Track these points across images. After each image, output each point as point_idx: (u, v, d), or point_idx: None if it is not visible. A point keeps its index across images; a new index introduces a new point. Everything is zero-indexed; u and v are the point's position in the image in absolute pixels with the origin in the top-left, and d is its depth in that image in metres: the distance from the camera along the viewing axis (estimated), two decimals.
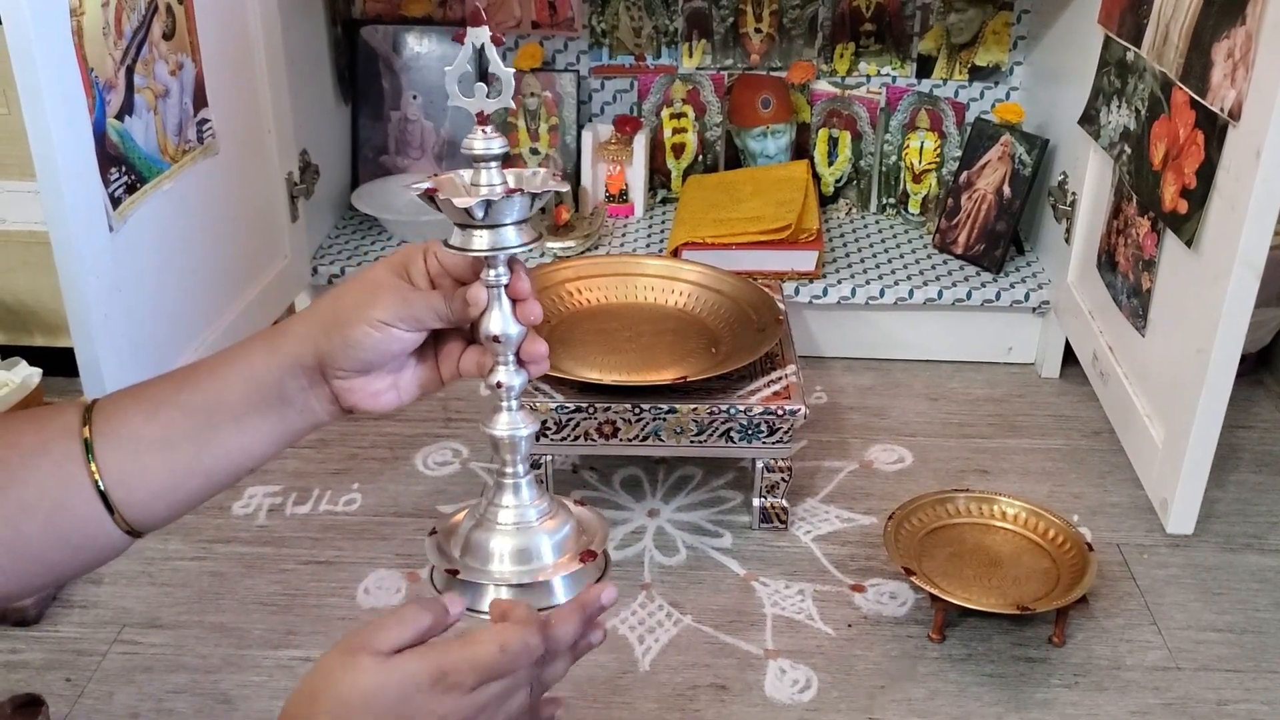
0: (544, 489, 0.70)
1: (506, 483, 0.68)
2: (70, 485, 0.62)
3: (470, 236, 0.63)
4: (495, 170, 0.64)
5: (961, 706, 1.07)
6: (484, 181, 0.64)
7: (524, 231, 0.64)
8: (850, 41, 1.82)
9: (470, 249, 0.63)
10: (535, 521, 0.68)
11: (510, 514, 0.68)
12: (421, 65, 1.84)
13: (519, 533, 0.67)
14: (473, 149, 0.64)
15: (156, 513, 0.65)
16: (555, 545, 0.68)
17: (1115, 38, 1.37)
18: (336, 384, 0.67)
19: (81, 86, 1.08)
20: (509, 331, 0.65)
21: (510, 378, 0.67)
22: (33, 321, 1.50)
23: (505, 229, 0.63)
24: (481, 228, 0.63)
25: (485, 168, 0.64)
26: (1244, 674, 1.11)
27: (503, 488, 0.68)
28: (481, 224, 0.63)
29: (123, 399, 0.66)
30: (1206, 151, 1.13)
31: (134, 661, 1.11)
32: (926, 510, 1.23)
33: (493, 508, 0.68)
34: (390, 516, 1.32)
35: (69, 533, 0.63)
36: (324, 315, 0.66)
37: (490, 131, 0.64)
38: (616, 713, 1.06)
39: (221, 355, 0.67)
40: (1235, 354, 1.13)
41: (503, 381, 0.67)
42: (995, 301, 1.61)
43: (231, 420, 0.66)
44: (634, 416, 1.23)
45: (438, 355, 0.70)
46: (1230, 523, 1.32)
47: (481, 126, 0.64)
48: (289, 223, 1.59)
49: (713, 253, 1.58)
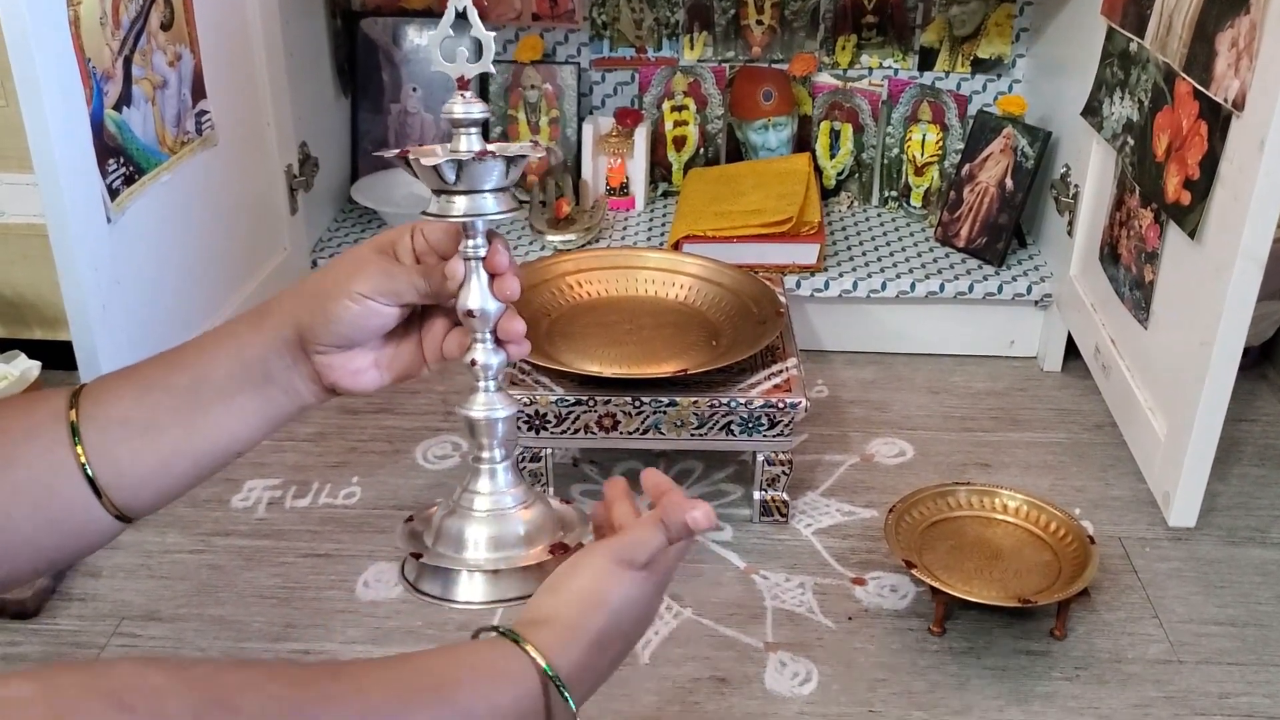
0: (522, 476, 0.69)
1: (482, 467, 0.67)
2: (58, 470, 0.62)
3: (447, 203, 0.62)
4: (475, 136, 0.63)
5: (962, 699, 1.07)
6: (463, 147, 0.63)
7: (502, 200, 0.63)
8: (852, 34, 1.82)
9: (447, 215, 0.62)
10: (511, 509, 0.66)
11: (485, 500, 0.66)
12: (421, 58, 1.83)
13: (493, 520, 0.66)
14: (452, 113, 0.63)
15: (145, 497, 0.65)
16: (530, 533, 0.66)
17: (1118, 28, 1.36)
18: (318, 360, 0.66)
19: (79, 77, 1.07)
20: (485, 307, 0.64)
21: (487, 356, 0.65)
22: (31, 315, 1.49)
23: (483, 196, 0.62)
24: (458, 193, 0.62)
25: (465, 133, 0.63)
26: (1246, 667, 1.11)
27: (478, 473, 0.67)
28: (457, 189, 0.62)
29: (110, 382, 0.65)
30: (1210, 142, 1.12)
31: (133, 654, 1.11)
32: (927, 503, 1.22)
33: (467, 494, 0.67)
34: (390, 510, 1.32)
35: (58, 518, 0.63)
36: (307, 290, 0.66)
37: (470, 96, 0.63)
38: (616, 705, 1.05)
39: (208, 335, 0.67)
40: (1238, 347, 1.13)
41: (478, 360, 0.65)
42: (997, 295, 1.60)
43: (218, 400, 0.65)
44: (634, 410, 1.23)
45: (422, 336, 0.69)
46: (1232, 516, 1.31)
47: (461, 91, 0.63)
48: (288, 215, 1.58)
49: (714, 246, 1.57)
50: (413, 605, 1.17)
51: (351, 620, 1.16)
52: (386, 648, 1.12)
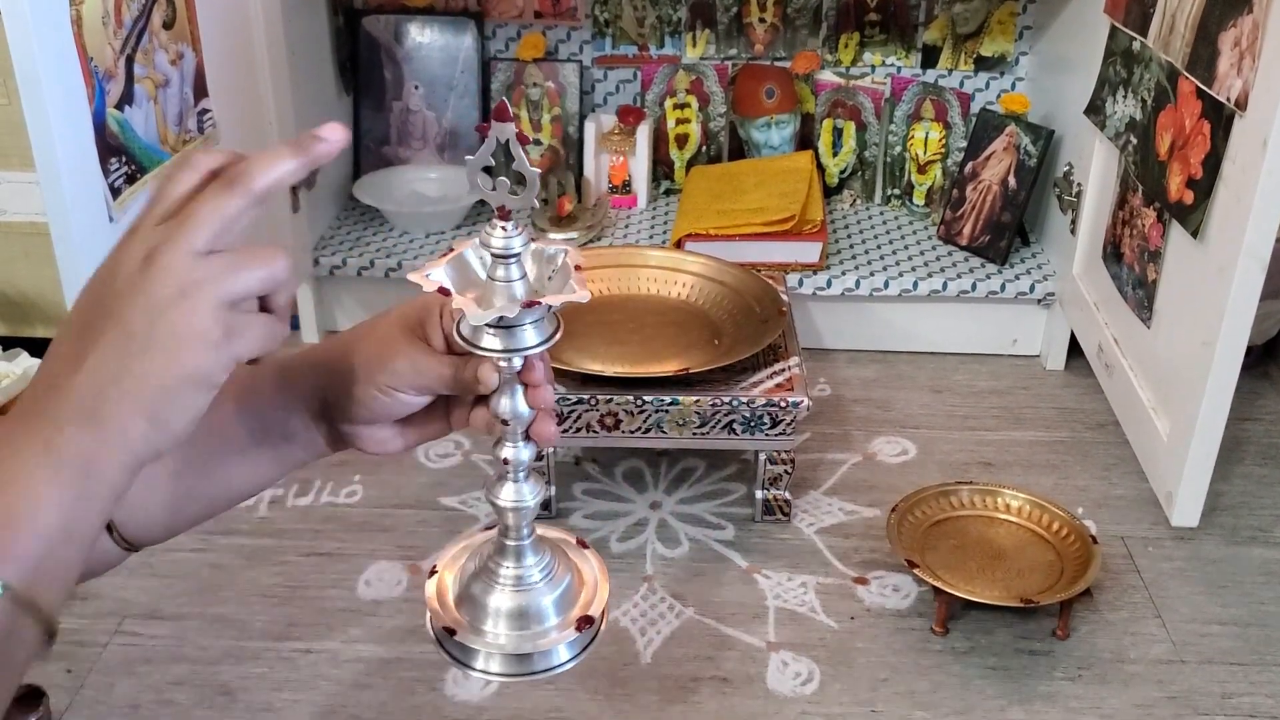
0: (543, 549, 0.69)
1: (509, 545, 0.67)
2: None
3: (482, 334, 0.60)
4: (515, 265, 0.61)
5: (964, 699, 1.07)
6: (500, 277, 0.60)
7: (541, 329, 0.61)
8: (855, 31, 1.81)
9: (479, 347, 0.60)
10: (537, 583, 0.67)
11: (510, 573, 0.67)
12: (423, 55, 1.83)
13: (518, 593, 0.66)
14: (490, 245, 0.60)
15: (154, 533, 0.65)
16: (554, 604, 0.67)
17: (1121, 27, 1.36)
18: (343, 428, 0.66)
19: (81, 76, 1.07)
20: (519, 414, 0.64)
21: (517, 454, 0.65)
22: (34, 313, 1.49)
23: (524, 329, 0.60)
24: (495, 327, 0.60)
25: (503, 265, 0.60)
26: (1248, 667, 1.10)
27: (505, 550, 0.67)
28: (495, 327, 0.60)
29: None
30: (1213, 142, 1.12)
31: (134, 653, 1.11)
32: (930, 503, 1.22)
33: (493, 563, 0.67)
34: (391, 508, 1.32)
35: None
36: (331, 364, 0.65)
37: (510, 229, 0.61)
38: (618, 705, 1.05)
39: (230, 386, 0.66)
40: (1241, 346, 1.12)
41: (509, 458, 0.65)
42: (1000, 293, 1.60)
43: (236, 453, 0.65)
44: (636, 408, 1.23)
45: (449, 408, 0.68)
46: (1235, 516, 1.31)
47: (502, 222, 0.61)
48: (290, 213, 1.58)
49: (716, 244, 1.57)
50: (415, 604, 1.17)
51: (353, 619, 1.16)
52: (388, 647, 1.12)
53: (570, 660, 0.66)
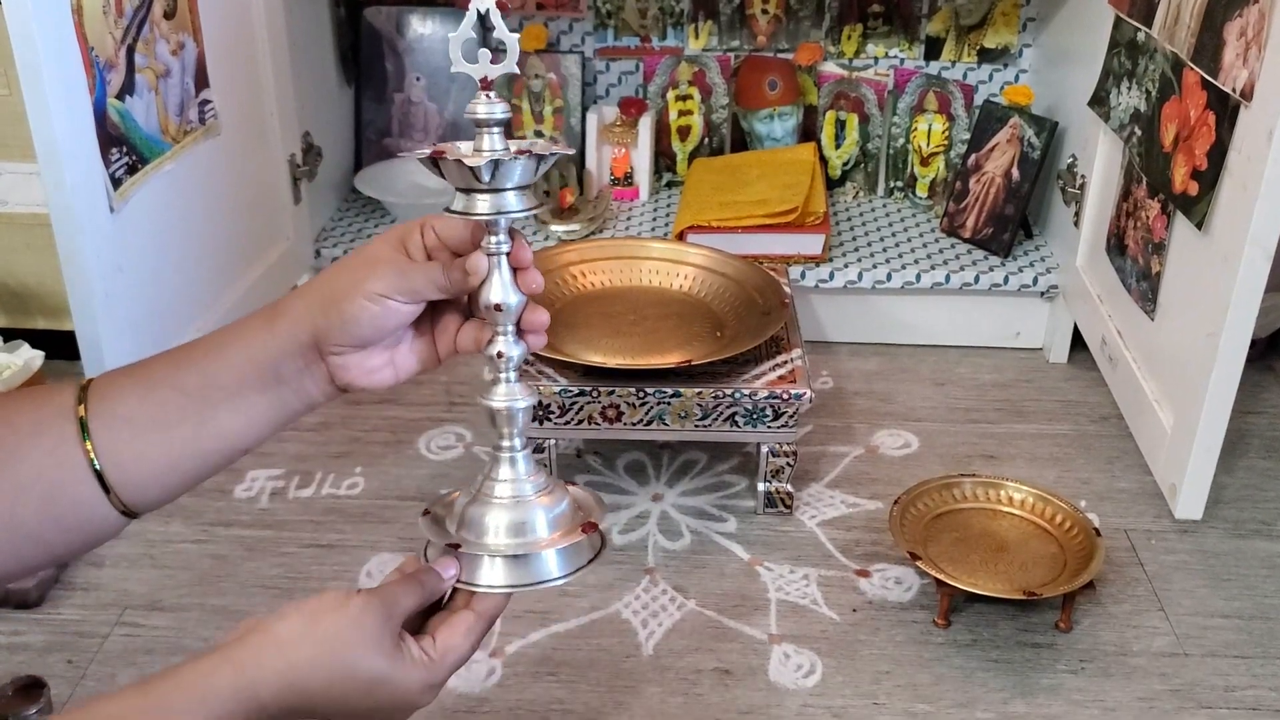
0: (541, 465, 0.70)
1: (503, 455, 0.68)
2: (66, 466, 0.62)
3: (473, 201, 0.63)
4: (498, 135, 0.64)
5: (967, 692, 1.06)
6: (486, 147, 0.64)
7: (525, 197, 0.64)
8: (858, 23, 1.81)
9: (473, 213, 0.63)
10: (532, 496, 0.68)
11: (507, 487, 0.68)
12: (425, 47, 1.83)
13: (515, 506, 0.67)
14: (476, 113, 0.64)
15: (152, 494, 0.65)
16: (551, 520, 0.68)
17: (1126, 18, 1.35)
18: (332, 360, 0.66)
19: (82, 66, 1.07)
20: (509, 300, 0.65)
21: (510, 348, 0.67)
22: (35, 304, 1.49)
23: (507, 194, 0.63)
24: (484, 192, 0.63)
25: (488, 133, 0.64)
26: (1251, 660, 1.10)
27: (499, 461, 0.68)
28: (485, 188, 0.63)
29: (119, 378, 0.65)
30: (1218, 133, 1.12)
31: (135, 644, 1.11)
32: (932, 495, 1.22)
33: (489, 482, 0.68)
34: (393, 500, 1.32)
35: (65, 513, 0.62)
36: (321, 291, 0.66)
37: (493, 97, 0.64)
38: (619, 697, 1.05)
39: (218, 335, 0.67)
40: (1245, 338, 1.12)
41: (503, 352, 0.67)
42: (1003, 286, 1.60)
43: (227, 401, 0.65)
44: (638, 400, 1.22)
45: (434, 331, 0.69)
46: (1239, 508, 1.31)
47: (485, 91, 0.64)
48: (291, 205, 1.58)
49: (718, 236, 1.57)
50: None
51: None
52: None
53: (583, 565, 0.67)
